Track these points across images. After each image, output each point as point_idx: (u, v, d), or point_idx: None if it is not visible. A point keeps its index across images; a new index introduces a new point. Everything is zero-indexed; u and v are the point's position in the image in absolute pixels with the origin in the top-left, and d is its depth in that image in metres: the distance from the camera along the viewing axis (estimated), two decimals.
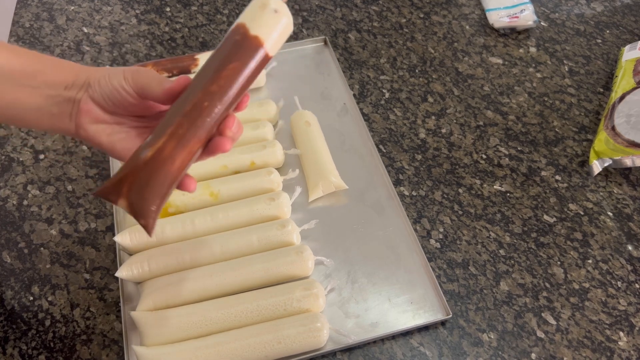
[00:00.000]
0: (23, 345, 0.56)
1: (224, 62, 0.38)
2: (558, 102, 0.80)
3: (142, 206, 0.38)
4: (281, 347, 0.53)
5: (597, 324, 0.59)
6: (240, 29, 0.39)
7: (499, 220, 0.67)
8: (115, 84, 0.43)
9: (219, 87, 0.38)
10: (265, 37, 0.39)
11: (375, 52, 0.85)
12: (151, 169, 0.38)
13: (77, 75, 0.44)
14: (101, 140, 0.44)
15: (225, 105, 0.39)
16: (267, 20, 0.39)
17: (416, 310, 0.59)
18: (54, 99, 0.43)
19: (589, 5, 0.94)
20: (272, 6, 0.39)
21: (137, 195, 0.38)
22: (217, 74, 0.38)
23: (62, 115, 0.44)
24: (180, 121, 0.38)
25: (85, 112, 0.43)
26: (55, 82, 0.43)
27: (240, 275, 0.57)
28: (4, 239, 0.63)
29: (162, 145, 0.38)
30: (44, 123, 0.44)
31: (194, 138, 0.38)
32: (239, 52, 0.38)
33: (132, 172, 0.38)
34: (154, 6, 0.90)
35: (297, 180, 0.68)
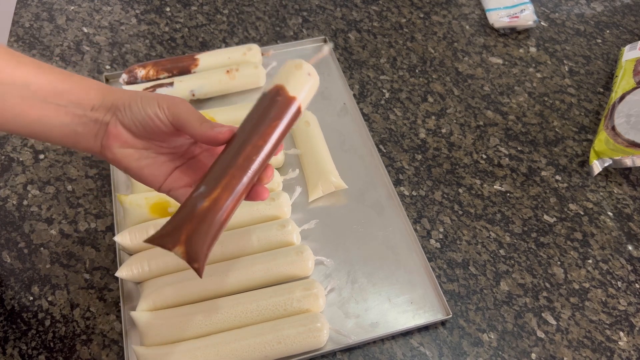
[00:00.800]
0: (23, 345, 0.56)
1: (268, 120, 0.43)
2: (558, 102, 0.80)
3: (199, 252, 0.40)
4: (281, 347, 0.53)
5: (597, 324, 0.59)
6: (280, 90, 0.44)
7: (499, 220, 0.67)
8: (150, 112, 0.43)
9: (265, 142, 0.43)
10: (300, 98, 0.45)
11: (375, 52, 0.85)
12: (208, 219, 0.41)
13: (104, 96, 0.44)
14: (128, 164, 0.45)
15: (269, 157, 0.44)
16: (302, 82, 0.45)
17: (416, 310, 0.59)
18: (80, 119, 0.44)
19: (589, 5, 0.94)
20: (305, 70, 0.46)
21: (194, 243, 0.40)
22: (264, 131, 0.43)
23: (87, 135, 0.44)
24: (234, 173, 0.42)
25: (114, 136, 0.44)
26: (81, 102, 0.44)
27: (240, 275, 0.57)
28: (3, 239, 0.63)
29: (217, 196, 0.41)
30: (68, 141, 0.45)
31: (244, 189, 0.43)
32: (280, 111, 0.44)
33: (190, 221, 0.41)
34: (153, 6, 0.90)
35: (297, 180, 0.68)
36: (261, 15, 0.89)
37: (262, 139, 0.43)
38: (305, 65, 0.46)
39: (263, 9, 0.91)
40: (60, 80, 0.44)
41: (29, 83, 0.42)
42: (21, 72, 0.42)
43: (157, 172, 0.46)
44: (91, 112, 0.44)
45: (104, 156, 0.45)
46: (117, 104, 0.44)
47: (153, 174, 0.46)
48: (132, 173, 0.46)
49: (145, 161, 0.45)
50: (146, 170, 0.45)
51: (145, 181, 0.46)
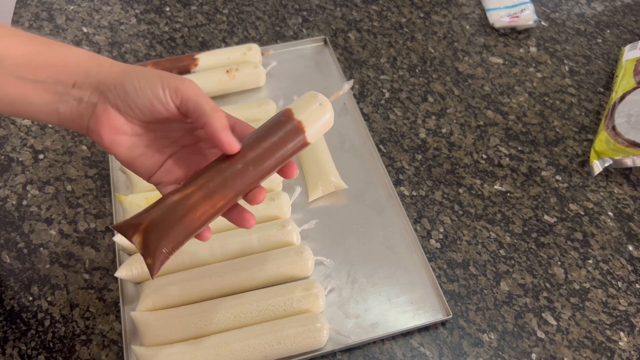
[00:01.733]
0: (22, 346, 0.56)
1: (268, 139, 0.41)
2: (558, 102, 0.80)
3: (154, 246, 0.38)
4: (281, 348, 0.53)
5: (597, 324, 0.59)
6: (289, 114, 0.42)
7: (499, 221, 0.67)
8: (150, 95, 0.38)
9: (257, 159, 0.40)
10: (307, 128, 0.42)
11: (375, 51, 0.85)
12: (173, 212, 0.38)
13: (88, 71, 0.39)
14: (118, 152, 0.41)
15: (258, 176, 0.41)
16: (313, 111, 0.42)
17: (416, 311, 0.58)
18: (61, 97, 0.39)
19: (590, 5, 0.94)
20: (319, 100, 0.43)
21: (152, 234, 0.38)
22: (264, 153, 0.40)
23: (71, 114, 0.40)
24: (212, 176, 0.40)
25: (105, 120, 0.39)
26: (61, 78, 0.39)
27: (240, 275, 0.57)
28: (3, 239, 0.63)
29: (189, 192, 0.39)
30: (52, 120, 0.41)
31: (220, 194, 0.39)
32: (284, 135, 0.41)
33: (155, 212, 0.39)
34: (153, 6, 0.90)
35: (297, 180, 0.68)
36: (261, 15, 0.89)
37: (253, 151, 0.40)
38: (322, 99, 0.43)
39: (263, 8, 0.90)
40: (37, 52, 0.39)
41: (2, 57, 0.38)
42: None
43: (149, 164, 0.42)
44: (73, 89, 0.39)
45: (92, 138, 0.41)
46: (105, 81, 0.39)
47: (144, 165, 0.42)
48: (122, 161, 0.42)
49: (138, 150, 0.41)
50: (137, 161, 0.42)
51: (136, 171, 0.42)
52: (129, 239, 0.39)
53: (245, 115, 0.71)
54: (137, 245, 0.38)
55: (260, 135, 0.41)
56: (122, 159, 0.41)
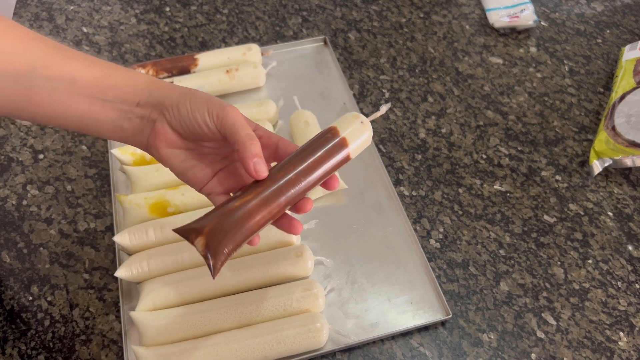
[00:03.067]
0: (22, 346, 0.56)
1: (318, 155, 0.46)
2: (558, 102, 0.80)
3: (217, 247, 0.41)
4: (281, 348, 0.53)
5: (597, 324, 0.59)
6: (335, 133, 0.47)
7: (499, 221, 0.67)
8: (198, 118, 0.43)
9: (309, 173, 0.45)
10: (351, 144, 0.47)
11: (375, 51, 0.85)
12: (233, 217, 0.42)
13: (150, 91, 0.44)
14: (174, 164, 0.45)
15: (308, 187, 0.45)
16: (356, 131, 0.48)
17: (416, 311, 0.59)
18: (125, 114, 0.44)
19: (589, 5, 0.94)
20: (360, 120, 0.48)
21: (214, 237, 0.41)
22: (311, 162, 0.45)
23: (133, 131, 0.44)
24: (268, 185, 0.43)
25: (162, 136, 0.44)
26: (127, 98, 0.43)
27: (240, 276, 0.57)
28: (3, 239, 0.63)
29: (249, 199, 0.43)
30: (115, 136, 0.45)
31: (276, 202, 0.43)
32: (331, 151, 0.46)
33: (217, 217, 0.42)
34: (153, 6, 0.90)
35: None
36: (261, 15, 0.89)
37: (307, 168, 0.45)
38: (363, 118, 0.48)
39: (263, 8, 0.91)
40: (105, 75, 0.43)
41: (76, 78, 0.42)
42: (68, 67, 0.42)
43: (200, 175, 0.46)
44: (137, 108, 0.44)
45: (149, 152, 0.45)
46: (164, 102, 0.43)
47: (196, 176, 0.46)
48: (176, 173, 0.46)
49: (190, 162, 0.45)
50: (190, 172, 0.46)
51: (188, 182, 0.46)
52: (190, 242, 0.41)
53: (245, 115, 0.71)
54: (198, 247, 0.41)
55: (309, 149, 0.46)
56: (176, 169, 0.46)
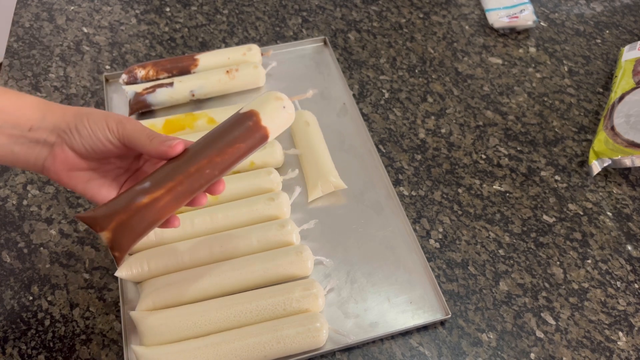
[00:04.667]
0: (22, 345, 0.56)
1: (232, 141, 0.44)
2: (558, 102, 0.80)
3: (123, 243, 0.42)
4: (280, 347, 0.53)
5: (596, 324, 0.59)
6: (254, 117, 0.45)
7: (498, 220, 0.67)
8: (100, 136, 0.43)
9: (222, 160, 0.44)
10: (270, 128, 0.46)
11: (374, 52, 0.85)
12: (142, 215, 0.42)
13: (44, 115, 0.43)
14: (76, 185, 0.45)
15: (221, 173, 0.44)
16: (277, 115, 0.46)
17: (415, 310, 0.59)
18: (17, 139, 0.43)
19: (589, 6, 0.94)
20: (283, 103, 0.46)
21: (121, 233, 0.41)
22: (224, 149, 0.44)
23: (26, 155, 0.43)
24: (181, 180, 0.43)
25: (62, 160, 0.43)
26: (18, 122, 0.42)
27: (240, 275, 0.57)
28: (3, 239, 0.63)
29: (159, 196, 0.42)
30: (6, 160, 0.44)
31: (187, 195, 0.43)
32: (247, 136, 0.45)
33: (124, 212, 0.42)
34: (153, 6, 0.90)
35: (297, 180, 0.68)
36: (261, 15, 0.90)
37: (219, 155, 0.44)
38: (286, 100, 0.47)
39: (263, 9, 0.91)
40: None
41: None
42: None
43: (106, 193, 0.46)
44: (29, 132, 0.42)
45: (47, 175, 0.45)
46: (60, 125, 0.43)
47: (102, 195, 0.46)
48: (81, 193, 0.46)
49: (95, 182, 0.45)
50: (96, 192, 0.45)
51: (96, 202, 0.46)
52: (96, 231, 0.41)
53: None
54: (104, 239, 0.41)
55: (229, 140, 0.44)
56: (81, 191, 0.45)
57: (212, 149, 0.44)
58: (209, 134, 0.45)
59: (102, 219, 0.41)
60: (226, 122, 0.46)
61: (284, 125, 0.47)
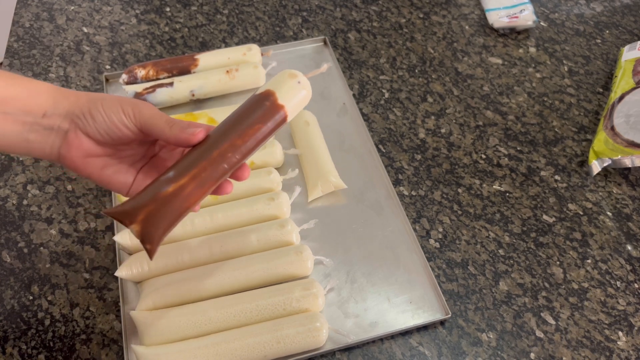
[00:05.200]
0: (23, 345, 0.56)
1: (251, 122, 0.44)
2: (557, 102, 0.80)
3: (153, 234, 0.41)
4: (280, 347, 0.53)
5: (596, 324, 0.59)
6: (270, 96, 0.45)
7: (498, 220, 0.67)
8: (115, 120, 0.42)
9: (243, 142, 0.43)
10: (288, 107, 0.45)
11: (374, 52, 0.85)
12: (169, 203, 0.41)
13: (56, 102, 0.42)
14: (91, 173, 0.44)
15: (244, 157, 0.44)
16: (293, 92, 0.45)
17: (415, 310, 0.59)
18: (31, 126, 0.42)
19: (589, 6, 0.94)
20: (298, 79, 0.46)
21: (150, 224, 0.41)
22: (244, 131, 0.43)
23: (40, 142, 0.42)
24: (205, 165, 0.42)
25: (76, 146, 0.42)
26: (31, 109, 0.41)
27: (240, 275, 0.57)
28: (3, 239, 0.63)
29: (184, 183, 0.41)
30: (20, 150, 0.43)
31: (212, 181, 0.43)
32: (266, 116, 0.44)
33: (151, 203, 0.41)
34: (153, 6, 0.90)
35: (297, 180, 0.68)
36: (261, 15, 0.90)
37: (241, 138, 0.43)
38: (300, 76, 0.46)
39: (263, 9, 0.91)
40: (4, 85, 0.41)
41: None
42: None
43: (123, 179, 0.45)
44: (43, 119, 0.42)
45: (63, 164, 0.44)
46: (73, 110, 0.42)
47: (119, 181, 0.45)
48: (98, 181, 0.45)
49: (111, 169, 0.44)
50: (113, 179, 0.44)
51: (112, 188, 0.45)
52: (125, 225, 0.41)
53: None
54: (134, 232, 0.41)
55: (248, 122, 0.44)
56: (97, 179, 0.44)
57: (233, 133, 0.43)
58: (228, 118, 0.44)
59: (130, 212, 0.41)
60: (244, 105, 0.45)
61: (301, 103, 0.46)
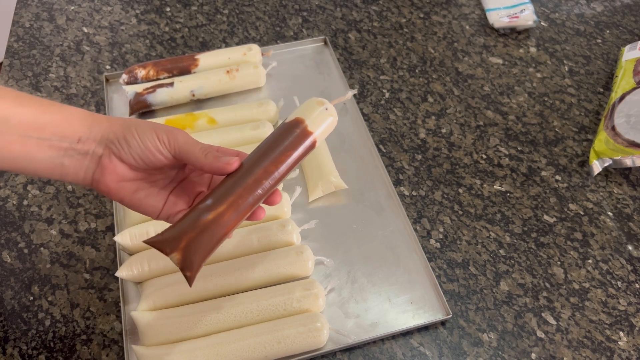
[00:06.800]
0: (23, 345, 0.56)
1: (283, 149, 0.45)
2: (558, 102, 0.80)
3: (194, 261, 0.42)
4: (281, 347, 0.53)
5: (597, 324, 0.59)
6: (300, 124, 0.47)
7: (499, 220, 0.67)
8: (150, 146, 0.42)
9: (276, 169, 0.45)
10: (317, 133, 0.47)
11: (375, 52, 0.85)
12: (208, 232, 0.42)
13: (91, 127, 0.42)
14: (124, 197, 0.44)
15: (277, 182, 0.45)
16: (321, 118, 0.47)
17: (416, 310, 0.59)
18: (66, 152, 0.42)
19: (589, 5, 0.94)
20: (325, 106, 0.48)
21: (192, 252, 0.42)
22: (277, 158, 0.45)
23: (75, 167, 0.43)
24: (242, 193, 0.43)
25: (110, 170, 0.43)
26: (66, 134, 0.42)
27: (240, 275, 0.57)
28: (4, 239, 0.63)
29: (222, 211, 0.42)
30: (55, 174, 0.43)
31: (248, 207, 0.44)
32: (296, 143, 0.46)
33: (191, 231, 0.42)
34: (154, 6, 0.90)
35: (297, 180, 0.68)
36: (261, 15, 0.89)
37: (274, 165, 0.45)
38: (327, 103, 0.48)
39: (263, 9, 0.91)
40: (41, 111, 0.41)
41: (8, 117, 0.40)
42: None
43: (154, 203, 0.45)
44: (78, 144, 0.42)
45: (96, 189, 0.44)
46: (108, 136, 0.42)
47: (150, 205, 0.45)
48: (129, 205, 0.45)
49: (142, 193, 0.45)
50: (144, 202, 0.45)
51: (143, 212, 0.46)
52: (166, 254, 0.41)
53: (245, 116, 0.71)
54: (175, 260, 0.41)
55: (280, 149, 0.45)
56: (128, 203, 0.45)
57: (266, 160, 0.45)
58: (260, 146, 0.46)
59: (170, 241, 0.42)
60: (275, 132, 0.47)
61: (329, 128, 0.48)
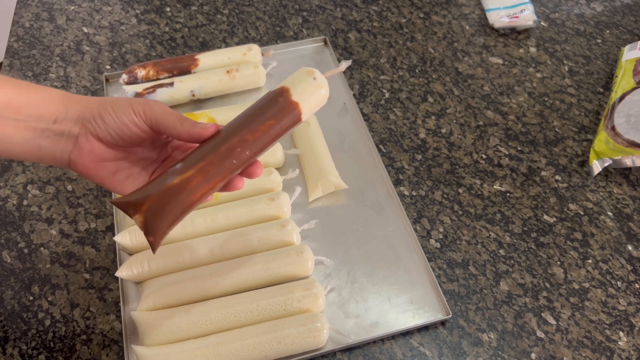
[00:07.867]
0: (23, 345, 0.56)
1: (263, 118, 0.43)
2: (558, 102, 0.80)
3: (156, 226, 0.40)
4: (281, 347, 0.53)
5: (597, 324, 0.59)
6: (284, 93, 0.44)
7: (499, 220, 0.67)
8: (125, 120, 0.41)
9: (254, 138, 0.42)
10: (302, 104, 0.44)
11: (375, 52, 0.85)
12: (173, 195, 0.40)
13: (67, 107, 0.42)
14: (103, 177, 0.43)
15: (255, 154, 0.43)
16: (308, 89, 0.44)
17: (416, 310, 0.59)
18: (42, 133, 0.41)
19: (589, 5, 0.94)
20: (314, 76, 0.44)
21: (154, 215, 0.40)
22: (255, 127, 0.42)
23: (51, 148, 0.42)
24: (212, 159, 0.41)
25: (87, 150, 0.42)
26: (42, 115, 0.41)
27: (240, 275, 0.57)
28: (4, 239, 0.63)
29: (190, 176, 0.41)
30: (31, 156, 0.43)
31: (219, 176, 0.42)
32: (279, 113, 0.43)
33: (156, 193, 0.41)
34: (154, 6, 0.90)
35: (297, 180, 0.68)
36: (261, 15, 0.90)
37: (251, 134, 0.42)
38: (317, 73, 0.45)
39: (263, 9, 0.91)
40: (16, 93, 0.41)
41: None
42: None
43: (136, 184, 0.44)
44: (55, 124, 0.41)
45: (75, 170, 0.43)
46: (84, 114, 0.42)
47: (132, 186, 0.44)
48: (110, 187, 0.44)
49: (123, 174, 0.44)
50: (125, 183, 0.44)
51: (124, 193, 0.44)
52: (130, 216, 0.41)
53: None
54: (138, 223, 0.41)
55: (260, 117, 0.43)
56: (109, 185, 0.44)
57: (243, 128, 0.42)
58: (240, 115, 0.44)
59: (134, 203, 0.40)
60: (257, 102, 0.44)
61: (318, 101, 0.45)
